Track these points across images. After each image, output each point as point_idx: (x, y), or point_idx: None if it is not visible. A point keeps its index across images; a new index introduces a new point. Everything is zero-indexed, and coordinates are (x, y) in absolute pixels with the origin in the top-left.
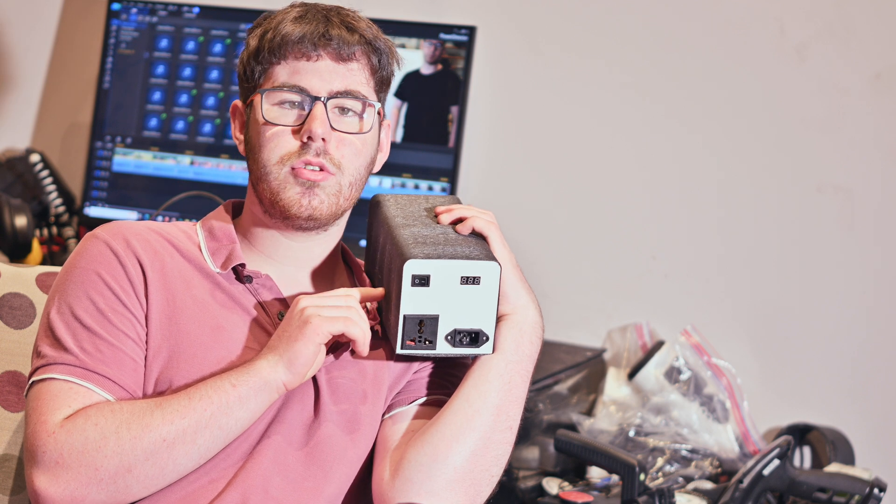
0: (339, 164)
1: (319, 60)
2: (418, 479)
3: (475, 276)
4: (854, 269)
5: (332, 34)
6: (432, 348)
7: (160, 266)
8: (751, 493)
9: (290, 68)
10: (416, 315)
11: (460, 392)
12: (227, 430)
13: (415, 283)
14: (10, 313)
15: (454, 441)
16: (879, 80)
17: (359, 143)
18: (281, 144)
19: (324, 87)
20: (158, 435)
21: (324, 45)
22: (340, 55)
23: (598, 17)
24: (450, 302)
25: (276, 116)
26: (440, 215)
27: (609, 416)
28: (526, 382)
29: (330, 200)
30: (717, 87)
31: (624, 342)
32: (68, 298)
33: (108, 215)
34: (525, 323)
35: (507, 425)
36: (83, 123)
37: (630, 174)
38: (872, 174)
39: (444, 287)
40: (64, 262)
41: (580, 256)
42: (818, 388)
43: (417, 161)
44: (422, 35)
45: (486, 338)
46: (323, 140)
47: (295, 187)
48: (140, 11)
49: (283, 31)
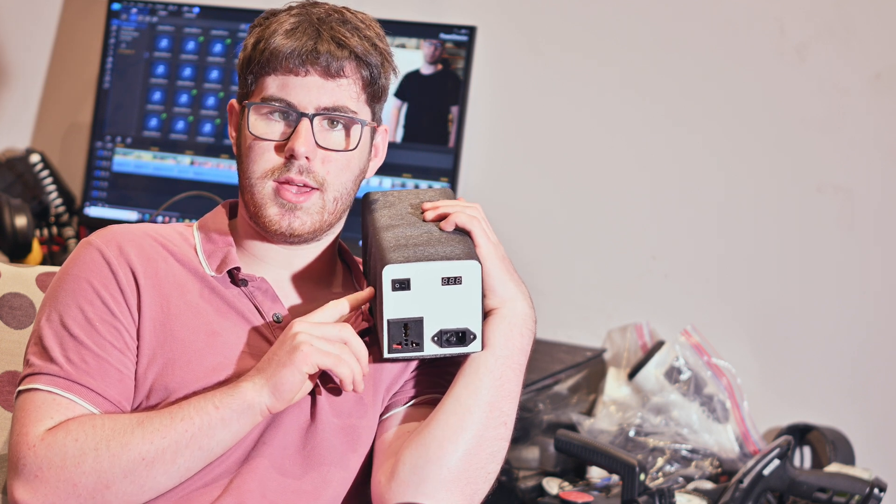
0: (322, 182)
1: (308, 76)
2: (413, 481)
3: (456, 276)
4: (854, 269)
5: (321, 50)
6: (420, 350)
7: (153, 272)
8: (751, 493)
9: (280, 82)
10: (399, 319)
11: (451, 391)
12: (207, 451)
13: (395, 288)
14: (10, 313)
15: (447, 441)
16: (879, 80)
17: (344, 159)
18: (265, 159)
19: (311, 102)
20: (138, 454)
21: (311, 62)
22: (328, 71)
23: (598, 17)
24: (433, 303)
25: (262, 130)
26: (425, 212)
27: (609, 416)
28: (519, 376)
29: (312, 220)
30: (717, 87)
31: (624, 342)
32: (58, 307)
33: (108, 215)
34: (514, 316)
35: (500, 421)
36: (83, 123)
37: (630, 174)
38: (872, 174)
39: (425, 289)
40: (63, 263)
41: (580, 256)
42: (818, 388)
43: (417, 161)
44: (422, 35)
45: (474, 336)
46: (307, 158)
47: (274, 207)
48: (140, 11)
49: (273, 45)
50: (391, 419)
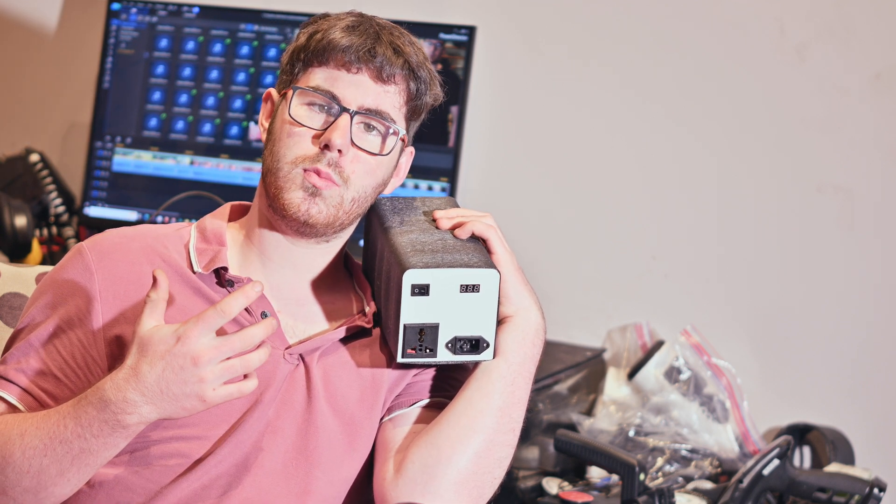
0: (346, 179)
1: (359, 74)
2: (422, 479)
3: (475, 284)
4: (854, 269)
5: (378, 52)
6: (433, 356)
7: (136, 278)
8: (751, 493)
9: (329, 74)
10: (416, 324)
11: (463, 394)
12: (94, 467)
13: (414, 293)
14: (10, 313)
15: (458, 443)
16: (879, 80)
17: (374, 163)
18: (300, 144)
19: (356, 100)
20: (21, 468)
21: (367, 61)
22: (380, 75)
23: (598, 18)
24: (450, 310)
25: (302, 116)
26: (438, 220)
27: (609, 416)
28: (528, 384)
29: (329, 211)
30: (717, 87)
31: (624, 342)
32: (32, 311)
33: (108, 215)
34: (527, 325)
35: (509, 427)
36: (83, 123)
37: (630, 174)
38: (872, 174)
39: (443, 295)
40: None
41: (580, 256)
42: (818, 388)
43: (417, 161)
44: (422, 35)
45: (487, 344)
46: (339, 152)
47: (299, 191)
48: (140, 11)
49: (331, 37)
50: (395, 420)
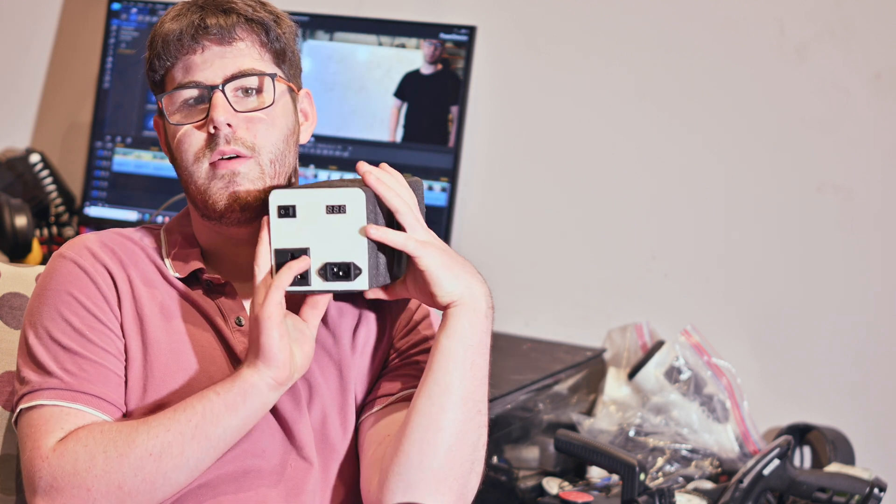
0: (252, 146)
1: (206, 51)
2: (401, 487)
3: (340, 205)
4: (854, 269)
5: (209, 22)
6: (307, 284)
7: (125, 275)
8: (751, 493)
9: (183, 66)
10: (286, 248)
11: (423, 389)
12: (215, 440)
13: (281, 214)
14: (10, 313)
15: (425, 444)
16: (879, 80)
17: (268, 117)
18: (192, 142)
19: (217, 74)
20: (144, 450)
21: (203, 35)
22: (224, 39)
23: (598, 17)
24: (319, 234)
25: (182, 117)
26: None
27: (609, 416)
28: (486, 359)
29: (255, 185)
30: (717, 87)
31: (624, 342)
32: (44, 322)
33: (108, 215)
34: (476, 303)
35: (475, 410)
36: (83, 123)
37: (630, 174)
38: (872, 174)
39: (310, 218)
40: (38, 279)
41: (580, 256)
42: (818, 388)
43: (417, 161)
44: (422, 35)
45: (360, 270)
46: (230, 126)
47: (217, 182)
48: (140, 11)
49: (162, 33)
50: (370, 420)
